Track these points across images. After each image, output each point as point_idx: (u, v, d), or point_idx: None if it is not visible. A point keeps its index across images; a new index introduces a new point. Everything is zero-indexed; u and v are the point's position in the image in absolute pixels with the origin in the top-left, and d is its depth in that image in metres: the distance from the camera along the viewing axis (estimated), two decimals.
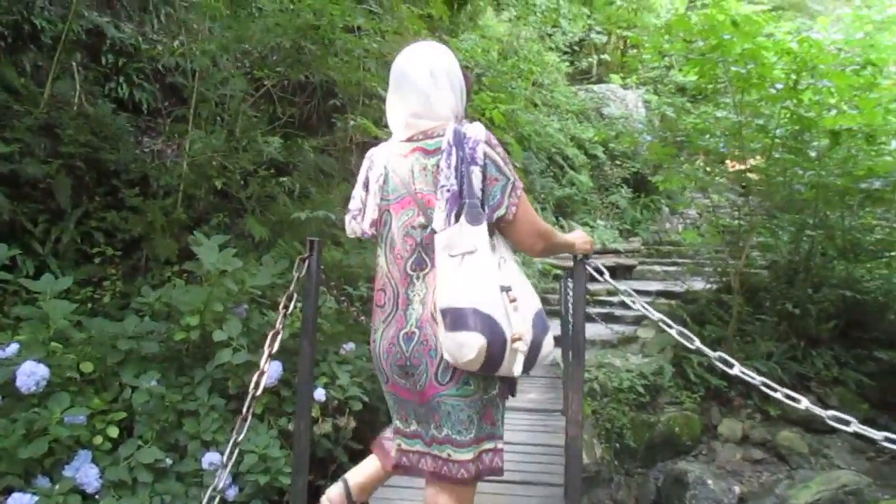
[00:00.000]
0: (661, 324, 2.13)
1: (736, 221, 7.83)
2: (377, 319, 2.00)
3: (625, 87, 16.40)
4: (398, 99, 2.00)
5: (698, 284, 8.88)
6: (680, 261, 11.81)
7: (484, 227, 1.82)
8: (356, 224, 2.08)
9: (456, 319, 1.74)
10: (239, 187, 5.83)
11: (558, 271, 10.03)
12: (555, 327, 8.54)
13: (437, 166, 1.86)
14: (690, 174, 7.51)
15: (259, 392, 2.01)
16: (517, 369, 1.79)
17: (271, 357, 2.12)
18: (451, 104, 1.98)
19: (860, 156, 6.22)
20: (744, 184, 6.65)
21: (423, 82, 1.95)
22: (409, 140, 1.97)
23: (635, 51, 15.93)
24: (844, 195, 6.34)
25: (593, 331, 5.49)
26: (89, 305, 4.91)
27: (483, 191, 1.85)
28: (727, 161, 8.33)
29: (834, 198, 6.40)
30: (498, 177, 1.87)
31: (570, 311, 5.75)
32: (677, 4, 11.98)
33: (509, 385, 1.98)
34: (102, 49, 6.49)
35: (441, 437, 1.89)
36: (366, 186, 2.06)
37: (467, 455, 1.87)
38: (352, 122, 6.06)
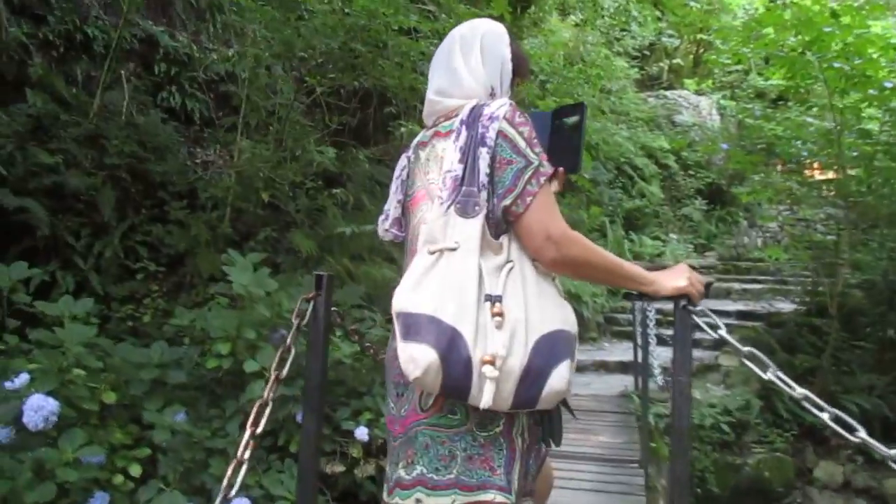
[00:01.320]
0: (754, 365, 1.60)
1: (829, 237, 7.13)
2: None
3: (698, 92, 15.67)
4: (429, 80, 1.73)
5: (783, 305, 8.17)
6: (761, 278, 11.03)
7: (477, 221, 1.47)
8: (381, 226, 1.82)
9: (408, 327, 1.42)
10: (288, 199, 5.53)
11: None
12: (625, 350, 7.98)
13: (447, 150, 1.56)
14: (779, 184, 6.86)
15: (259, 430, 1.59)
16: (484, 400, 1.39)
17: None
18: (483, 80, 1.66)
19: None
20: (841, 196, 5.96)
21: (451, 52, 1.68)
22: (433, 126, 1.69)
23: (711, 53, 15.20)
24: None
25: (666, 356, 4.88)
26: (129, 324, 4.71)
27: (491, 177, 1.50)
28: (816, 170, 7.65)
29: None
30: (513, 159, 1.50)
31: (645, 337, 5.22)
32: (756, 4, 11.26)
33: (540, 423, 1.58)
34: (156, 58, 6.36)
35: (409, 478, 1.51)
36: (395, 183, 1.81)
37: (443, 500, 1.47)
38: (402, 129, 5.70)
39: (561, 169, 1.77)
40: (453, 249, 1.46)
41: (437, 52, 1.74)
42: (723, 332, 1.61)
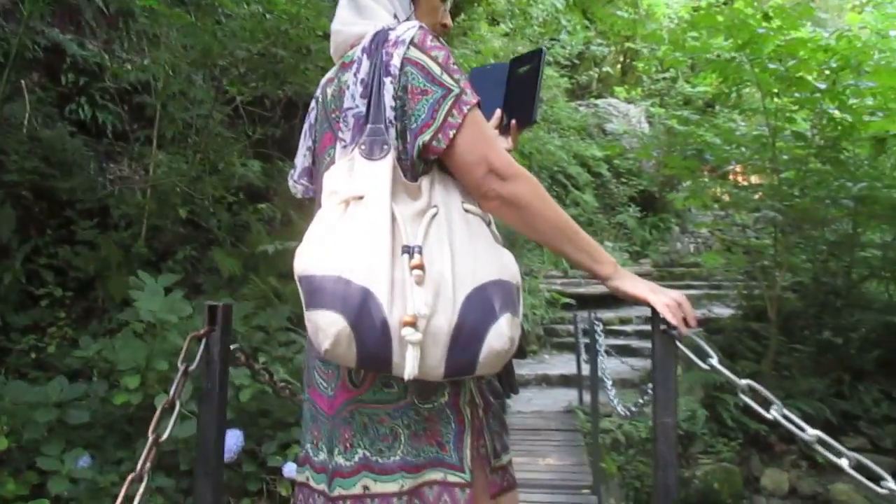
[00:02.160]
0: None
1: (764, 240, 7.16)
2: None
3: (627, 101, 15.86)
4: None
5: (720, 310, 8.19)
6: (695, 283, 11.11)
7: (386, 163, 1.26)
8: (291, 180, 1.58)
9: (312, 293, 1.20)
10: (209, 216, 5.18)
11: (568, 300, 9.34)
12: (566, 362, 7.81)
13: (347, 83, 1.33)
14: (713, 189, 6.86)
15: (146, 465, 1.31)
16: (408, 369, 1.17)
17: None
18: (386, 5, 1.43)
19: None
20: (776, 199, 5.95)
21: None
22: (340, 62, 1.45)
23: (640, 61, 15.43)
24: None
25: (608, 367, 4.71)
26: (32, 356, 4.29)
27: (402, 111, 1.29)
28: (743, 175, 7.71)
29: (884, 212, 5.73)
30: (428, 88, 1.28)
31: (594, 347, 4.98)
32: (682, 12, 11.43)
33: (494, 386, 1.43)
34: (63, 67, 5.91)
35: (351, 464, 1.30)
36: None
37: (391, 486, 1.27)
38: None
39: (514, 122, 1.60)
40: (360, 198, 1.24)
41: None
42: (715, 362, 1.37)
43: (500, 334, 1.22)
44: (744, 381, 1.30)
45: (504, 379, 1.46)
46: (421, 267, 1.19)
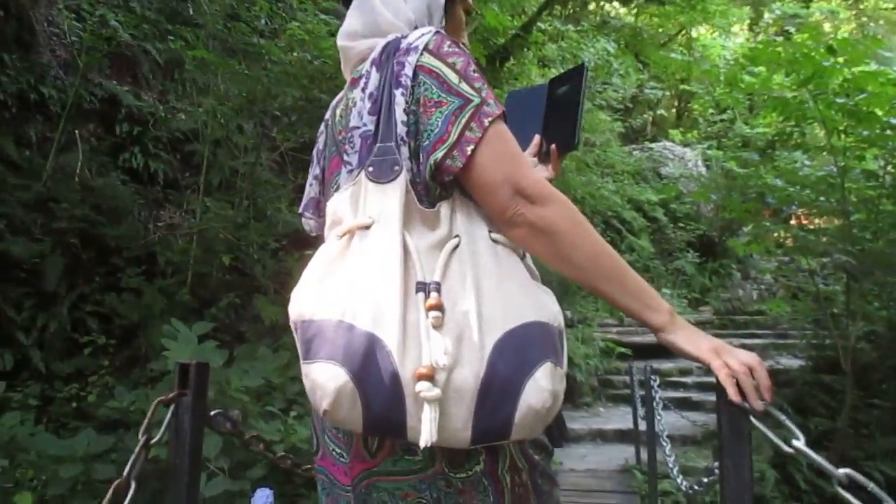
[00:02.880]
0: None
1: (832, 287, 6.75)
2: None
3: (683, 144, 15.55)
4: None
5: (788, 361, 7.73)
6: (759, 332, 10.61)
7: (397, 185, 1.06)
8: (309, 215, 1.36)
9: (308, 341, 0.99)
10: (254, 263, 5.13)
11: (624, 349, 8.97)
12: (623, 416, 7.42)
13: (354, 100, 1.15)
14: (778, 233, 6.53)
15: None
16: (425, 434, 0.93)
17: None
18: (405, 12, 1.24)
19: None
20: (846, 243, 5.59)
21: None
22: (350, 80, 1.26)
23: (696, 101, 15.18)
24: None
25: (666, 422, 4.33)
26: (73, 405, 4.24)
27: (415, 126, 1.08)
28: (808, 218, 7.34)
29: None
30: (443, 99, 1.07)
31: (650, 403, 4.64)
32: (737, 54, 11.20)
33: (539, 440, 1.14)
34: (118, 118, 6.03)
35: None
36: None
37: None
38: None
39: (554, 146, 1.40)
40: (367, 227, 1.04)
41: None
42: (801, 444, 1.02)
43: (540, 388, 0.98)
44: (842, 471, 1.00)
45: (552, 427, 1.16)
46: (439, 307, 0.98)
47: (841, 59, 4.65)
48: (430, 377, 0.93)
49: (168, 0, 6.04)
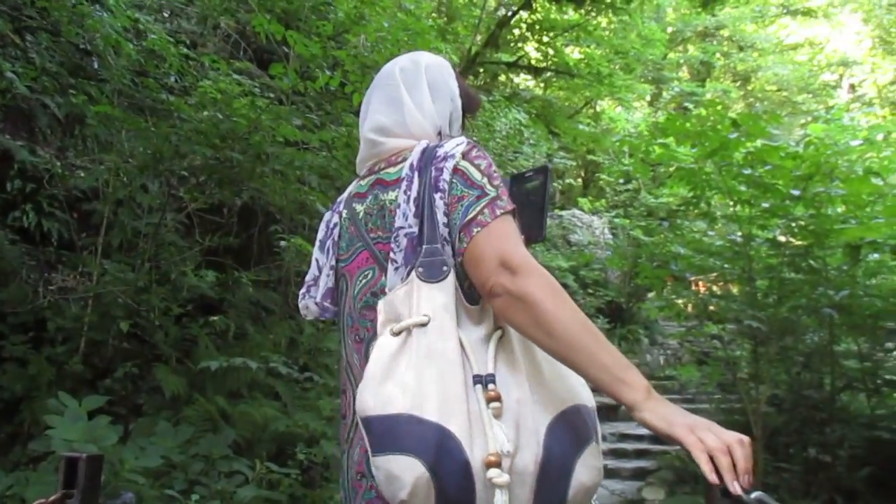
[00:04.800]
0: None
1: (736, 352, 6.93)
2: (342, 437, 1.32)
3: (592, 212, 16.03)
4: (362, 121, 1.45)
5: None
6: (668, 397, 10.71)
7: (448, 284, 1.17)
8: (309, 300, 1.45)
9: (381, 434, 1.07)
10: (155, 330, 4.80)
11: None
12: None
13: (397, 202, 1.26)
14: (689, 299, 6.67)
15: None
16: None
17: None
18: (433, 117, 1.39)
19: (884, 272, 5.52)
20: (754, 308, 5.77)
21: (396, 85, 1.41)
22: (371, 171, 1.40)
23: (604, 170, 15.74)
24: (878, 318, 5.53)
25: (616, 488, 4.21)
26: None
27: (448, 223, 1.22)
28: (705, 285, 7.58)
29: (866, 321, 5.57)
30: (465, 193, 1.22)
31: None
32: (640, 127, 11.76)
33: None
34: (9, 174, 5.63)
35: None
36: (322, 246, 1.45)
37: None
38: (285, 244, 5.13)
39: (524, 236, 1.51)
40: (423, 325, 1.13)
41: (372, 88, 1.46)
42: None
43: (589, 466, 1.13)
44: None
45: None
46: (498, 398, 1.09)
47: (743, 133, 4.87)
48: (497, 464, 1.04)
49: (71, 53, 5.76)
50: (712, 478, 1.00)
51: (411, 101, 1.38)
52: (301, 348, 5.79)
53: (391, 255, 1.23)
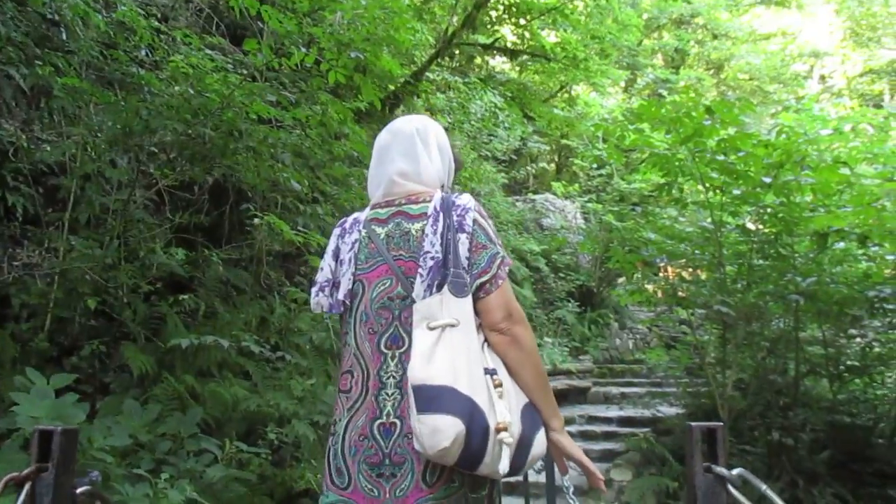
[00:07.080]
0: None
1: (704, 337, 7.03)
2: (341, 408, 1.72)
3: (565, 196, 16.07)
4: (383, 162, 1.87)
5: (666, 410, 7.94)
6: (636, 381, 10.92)
7: (469, 300, 1.63)
8: (323, 297, 1.83)
9: (430, 399, 1.49)
10: (123, 307, 4.72)
11: None
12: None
13: (423, 231, 1.70)
14: (659, 284, 6.75)
15: None
16: (503, 466, 1.51)
17: None
18: (439, 173, 1.87)
19: (850, 260, 5.63)
20: (723, 294, 5.84)
21: (414, 142, 1.85)
22: (390, 204, 1.81)
23: (578, 155, 15.77)
24: (843, 305, 5.63)
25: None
26: None
27: (469, 259, 1.67)
28: (675, 270, 7.65)
29: (831, 308, 5.68)
30: (487, 244, 1.69)
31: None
32: (615, 113, 11.77)
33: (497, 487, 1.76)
34: None
35: None
36: (336, 256, 1.85)
37: None
38: (256, 220, 5.07)
39: None
40: (454, 326, 1.58)
41: (394, 139, 1.86)
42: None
43: (541, 442, 1.63)
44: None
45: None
46: (501, 385, 1.57)
47: (717, 120, 4.90)
48: (506, 429, 1.51)
49: (38, 23, 5.59)
50: (593, 480, 1.73)
51: (427, 157, 1.83)
52: (272, 328, 5.75)
53: (419, 270, 1.65)
